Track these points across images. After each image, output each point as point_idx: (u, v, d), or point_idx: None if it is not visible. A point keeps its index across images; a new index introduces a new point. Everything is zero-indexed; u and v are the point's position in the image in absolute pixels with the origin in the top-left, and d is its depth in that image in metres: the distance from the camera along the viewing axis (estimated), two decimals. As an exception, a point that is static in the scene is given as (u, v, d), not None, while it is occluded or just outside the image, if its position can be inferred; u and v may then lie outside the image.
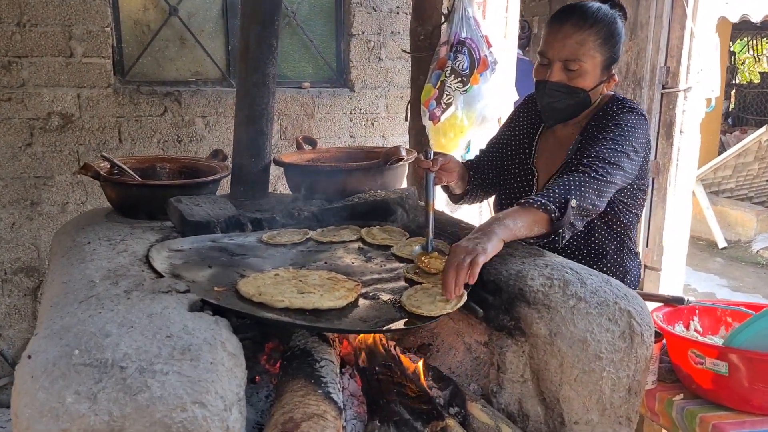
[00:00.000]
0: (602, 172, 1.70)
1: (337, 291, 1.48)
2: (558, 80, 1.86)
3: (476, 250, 1.46)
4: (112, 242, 1.74)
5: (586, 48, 1.81)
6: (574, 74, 1.84)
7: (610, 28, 1.85)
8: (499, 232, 1.54)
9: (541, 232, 1.64)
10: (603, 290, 1.47)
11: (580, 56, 1.82)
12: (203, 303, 1.34)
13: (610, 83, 1.92)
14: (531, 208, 1.61)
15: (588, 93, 1.87)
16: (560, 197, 1.63)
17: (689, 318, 1.81)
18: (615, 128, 1.81)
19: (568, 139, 1.99)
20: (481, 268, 1.44)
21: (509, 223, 1.57)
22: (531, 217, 1.61)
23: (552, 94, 1.89)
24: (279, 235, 1.92)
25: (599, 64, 1.85)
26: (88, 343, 1.12)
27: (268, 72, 2.21)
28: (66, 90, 3.32)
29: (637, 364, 1.44)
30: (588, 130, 1.92)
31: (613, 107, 1.89)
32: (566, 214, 1.62)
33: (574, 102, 1.89)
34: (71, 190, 3.43)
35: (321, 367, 1.45)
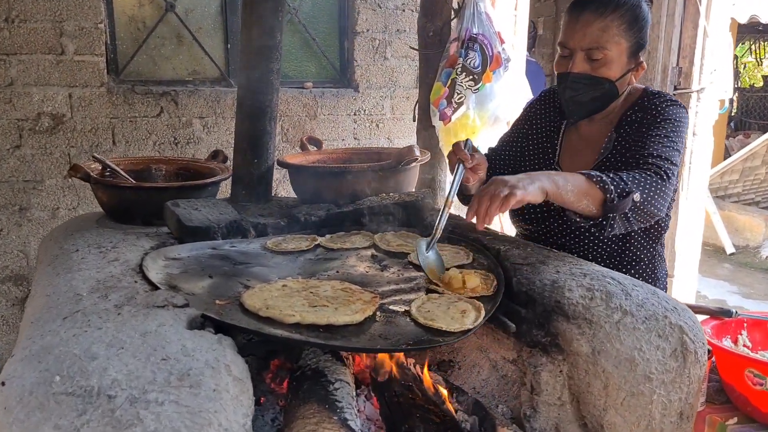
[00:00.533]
0: (669, 173, 1.60)
1: (353, 304, 1.33)
2: (581, 71, 1.73)
3: (516, 186, 1.43)
4: (102, 250, 1.59)
5: (610, 34, 1.68)
6: (598, 63, 1.71)
7: (635, 12, 1.71)
8: (545, 182, 1.49)
9: (590, 209, 1.54)
10: (650, 302, 1.33)
11: (603, 43, 1.68)
12: (204, 319, 1.19)
13: (638, 71, 1.77)
14: (589, 179, 1.52)
15: (614, 83, 1.73)
16: (624, 185, 1.53)
17: (737, 332, 1.66)
18: (666, 124, 1.67)
19: (598, 136, 1.86)
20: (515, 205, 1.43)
21: (559, 180, 1.51)
22: (584, 187, 1.52)
23: (575, 86, 1.76)
24: (285, 242, 1.78)
25: (625, 50, 1.71)
26: (71, 367, 0.98)
27: (271, 66, 2.07)
28: (57, 89, 3.17)
29: (690, 385, 1.29)
30: (626, 125, 1.78)
31: (654, 101, 1.75)
32: (624, 202, 1.52)
33: (600, 94, 1.75)
34: (62, 195, 3.28)
35: (336, 389, 1.31)
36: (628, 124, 1.78)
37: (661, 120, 1.69)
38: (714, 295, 5.62)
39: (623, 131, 1.78)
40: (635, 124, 1.75)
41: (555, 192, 1.50)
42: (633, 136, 1.73)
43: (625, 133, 1.77)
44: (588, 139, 1.89)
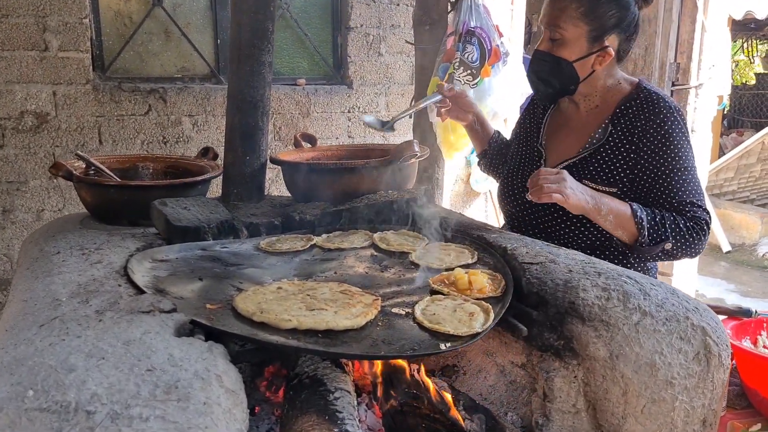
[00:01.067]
0: (708, 227, 1.69)
1: (354, 307, 1.24)
2: (543, 49, 1.82)
3: (567, 189, 1.59)
4: (85, 252, 1.50)
5: (567, 15, 1.75)
6: (557, 43, 1.79)
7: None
8: (590, 202, 1.64)
9: (621, 239, 1.70)
10: (670, 303, 1.25)
11: (560, 23, 1.76)
12: (193, 325, 1.10)
13: (604, 58, 1.78)
14: (633, 216, 1.65)
15: (571, 64, 1.78)
16: (661, 233, 1.65)
17: (757, 332, 1.59)
18: (682, 153, 1.72)
19: (586, 122, 1.89)
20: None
21: (602, 206, 1.65)
22: (624, 221, 1.66)
23: (536, 61, 1.85)
24: (279, 242, 1.70)
25: (584, 34, 1.75)
26: (46, 380, 0.89)
27: (263, 59, 1.99)
28: (40, 87, 3.06)
29: (714, 390, 1.22)
30: (622, 120, 1.80)
31: (656, 108, 1.76)
32: (654, 248, 1.66)
33: (557, 72, 1.81)
34: (47, 196, 3.17)
35: (336, 399, 1.22)
36: (625, 120, 1.79)
37: (675, 148, 1.72)
38: (712, 293, 5.58)
39: (619, 125, 1.79)
40: (633, 121, 1.77)
41: (594, 212, 1.65)
42: (645, 155, 1.75)
43: (621, 128, 1.79)
44: (574, 123, 1.92)
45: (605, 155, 1.79)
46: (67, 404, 0.85)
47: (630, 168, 1.76)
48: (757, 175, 7.18)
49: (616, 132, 1.79)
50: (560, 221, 1.81)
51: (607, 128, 1.80)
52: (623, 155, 1.77)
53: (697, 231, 1.67)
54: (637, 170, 1.75)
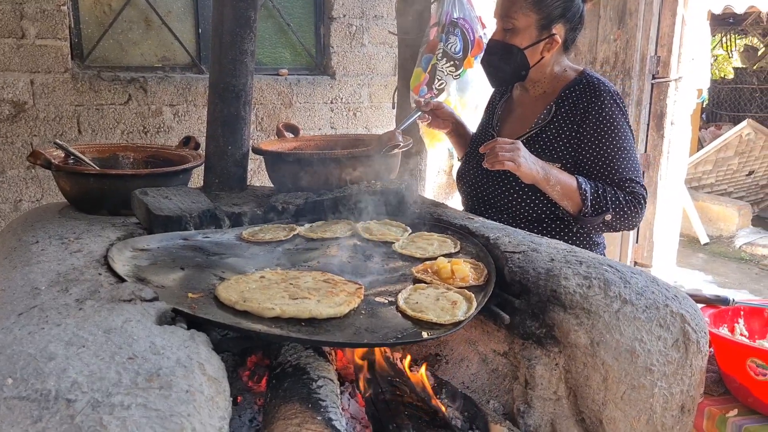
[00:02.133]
0: (645, 200, 1.84)
1: (337, 296, 1.24)
2: (496, 38, 1.94)
3: (520, 158, 1.70)
4: (64, 241, 1.48)
5: (518, 6, 1.87)
6: (510, 32, 1.90)
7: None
8: (540, 172, 1.75)
9: (566, 209, 1.83)
10: (650, 290, 1.26)
11: (511, 14, 1.88)
12: (175, 313, 1.09)
13: (552, 45, 1.91)
14: (578, 188, 1.79)
15: (522, 51, 1.90)
16: (603, 203, 1.79)
17: (734, 320, 1.61)
18: (620, 134, 1.86)
19: (534, 106, 2.00)
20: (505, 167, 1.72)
21: (551, 177, 1.77)
22: (570, 192, 1.79)
23: (490, 50, 1.97)
24: (261, 232, 1.70)
25: (534, 23, 1.88)
26: (26, 368, 0.88)
27: (245, 48, 1.97)
28: (17, 75, 3.02)
29: (692, 377, 1.23)
30: (565, 103, 1.92)
31: (597, 92, 1.89)
32: (596, 218, 1.80)
33: (508, 59, 1.92)
34: (25, 186, 3.13)
35: (319, 387, 1.22)
36: (567, 102, 1.92)
37: (615, 130, 1.86)
38: (690, 284, 5.65)
39: (562, 107, 1.92)
40: (575, 104, 1.90)
41: (544, 182, 1.78)
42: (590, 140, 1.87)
43: (564, 110, 1.92)
44: (524, 107, 2.05)
45: (549, 134, 1.92)
46: (47, 392, 0.84)
47: (573, 146, 1.89)
48: (735, 168, 7.27)
49: (559, 112, 1.92)
50: (511, 193, 1.92)
51: (551, 109, 1.93)
52: (566, 134, 1.90)
53: (634, 204, 1.82)
54: (580, 149, 1.88)
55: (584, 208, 1.79)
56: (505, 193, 1.94)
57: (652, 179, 4.54)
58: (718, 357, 1.49)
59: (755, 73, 10.08)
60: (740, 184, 7.55)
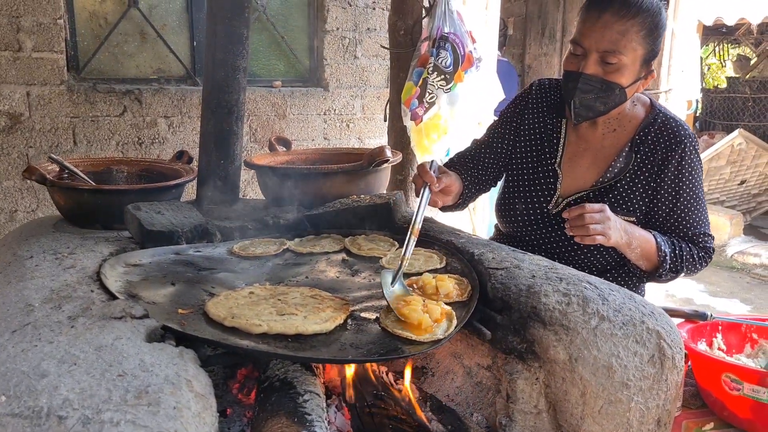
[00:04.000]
0: (712, 254, 1.81)
1: (323, 312, 1.27)
2: (593, 73, 1.65)
3: (609, 231, 1.59)
4: (58, 256, 1.51)
5: (628, 39, 1.61)
6: (612, 68, 1.64)
7: (656, 19, 1.65)
8: (623, 237, 1.65)
9: (641, 267, 1.75)
10: (627, 307, 1.30)
11: (620, 48, 1.61)
12: (165, 330, 1.13)
13: (647, 80, 1.72)
14: (657, 251, 1.70)
15: (624, 89, 1.66)
16: (678, 264, 1.73)
17: (712, 335, 1.65)
18: (698, 184, 1.77)
19: (603, 145, 1.81)
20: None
21: (633, 241, 1.67)
22: (649, 254, 1.71)
23: (585, 88, 1.68)
24: (252, 246, 1.73)
25: (639, 58, 1.65)
26: (19, 386, 0.91)
27: (238, 64, 2.01)
28: (14, 87, 3.05)
29: (668, 391, 1.27)
30: (643, 147, 1.75)
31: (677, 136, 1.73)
32: (670, 277, 1.76)
33: (608, 98, 1.68)
34: (20, 197, 3.16)
35: (305, 401, 1.25)
36: (645, 147, 1.75)
37: (693, 179, 1.75)
38: (682, 293, 5.68)
39: (641, 152, 1.75)
40: (654, 149, 1.74)
41: (625, 249, 1.69)
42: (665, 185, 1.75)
43: (642, 156, 1.75)
44: (591, 144, 1.83)
45: (625, 184, 1.76)
46: (39, 409, 0.86)
47: (649, 197, 1.75)
48: (727, 177, 7.32)
49: (636, 159, 1.74)
50: (576, 248, 1.78)
51: (630, 156, 1.75)
52: (643, 184, 1.75)
53: (706, 260, 1.78)
54: (656, 200, 1.75)
55: (661, 270, 1.71)
56: (569, 247, 1.79)
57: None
58: (695, 371, 1.53)
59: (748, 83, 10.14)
60: (732, 193, 7.59)
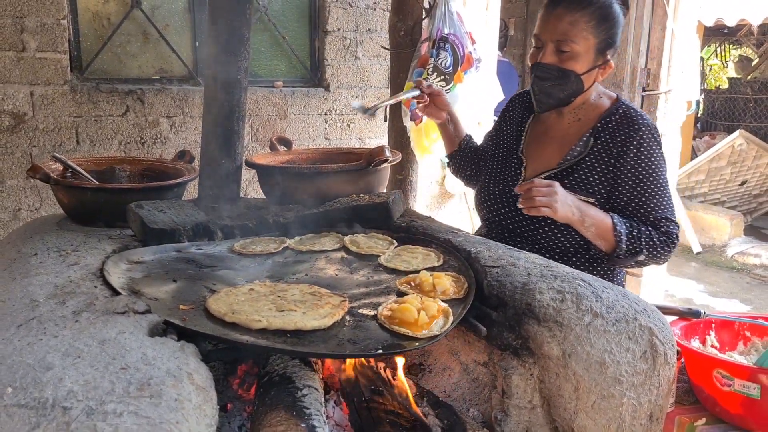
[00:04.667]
0: (677, 239, 1.82)
1: (322, 308, 1.30)
2: (550, 62, 1.82)
3: (556, 203, 1.66)
4: (62, 253, 1.53)
5: (578, 29, 1.77)
6: (566, 56, 1.80)
7: (605, 11, 1.79)
8: (575, 213, 1.72)
9: (599, 247, 1.80)
10: (620, 304, 1.32)
11: (572, 37, 1.78)
12: (166, 325, 1.15)
13: (605, 69, 1.85)
14: (613, 229, 1.75)
15: (580, 77, 1.81)
16: (637, 245, 1.76)
17: (705, 332, 1.67)
18: (659, 172, 1.82)
19: (567, 133, 1.93)
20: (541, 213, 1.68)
21: (587, 218, 1.74)
22: (605, 232, 1.75)
23: (543, 76, 1.85)
24: (253, 244, 1.75)
25: (593, 46, 1.79)
26: (25, 378, 0.93)
27: (239, 65, 2.03)
28: (18, 87, 3.07)
29: (660, 387, 1.29)
30: (604, 134, 1.85)
31: (635, 124, 1.82)
32: (629, 259, 1.78)
33: (565, 84, 1.83)
34: (24, 196, 3.18)
35: (304, 395, 1.27)
36: (605, 134, 1.85)
37: (654, 166, 1.81)
38: (681, 293, 5.70)
39: (600, 139, 1.85)
40: (613, 135, 1.83)
41: (578, 225, 1.75)
42: (624, 171, 1.82)
43: (602, 142, 1.85)
44: (556, 133, 1.96)
45: (585, 167, 1.85)
46: (44, 400, 0.89)
47: (609, 181, 1.83)
48: (728, 178, 7.34)
49: (596, 145, 1.85)
50: (538, 227, 1.87)
51: (588, 141, 1.86)
52: (602, 168, 1.83)
53: (668, 244, 1.79)
54: (617, 185, 1.82)
55: (618, 250, 1.75)
56: (533, 226, 1.89)
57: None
58: (688, 368, 1.55)
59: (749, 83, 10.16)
60: (733, 193, 7.61)
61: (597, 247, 1.79)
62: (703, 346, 1.64)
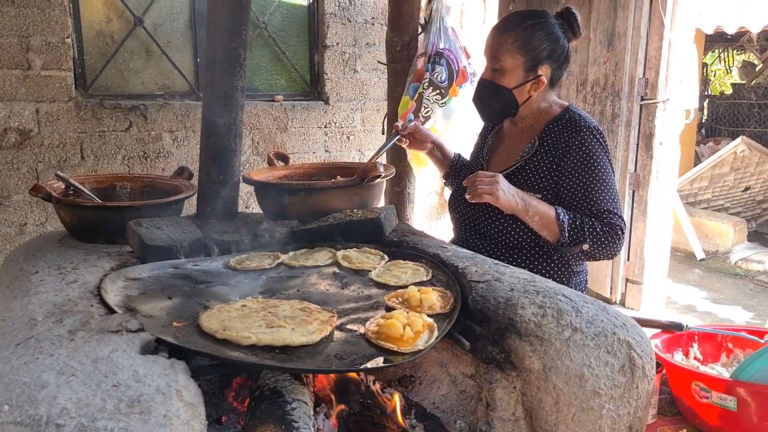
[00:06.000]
0: (623, 232, 1.92)
1: (310, 324, 1.34)
2: (487, 78, 2.05)
3: (498, 191, 1.84)
4: (62, 271, 1.58)
5: (505, 49, 1.98)
6: (498, 73, 2.02)
7: (532, 31, 1.98)
8: (519, 203, 1.88)
9: (546, 238, 1.94)
10: (600, 319, 1.36)
11: (499, 56, 2.00)
12: (158, 343, 1.20)
13: (539, 85, 2.02)
14: (556, 218, 1.88)
15: (511, 91, 2.02)
16: (580, 234, 1.89)
17: (688, 345, 1.70)
18: (599, 169, 1.96)
19: (521, 139, 2.13)
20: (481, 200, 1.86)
21: (530, 207, 1.89)
22: (548, 222, 1.90)
23: (481, 89, 2.10)
24: (248, 260, 1.79)
25: (521, 65, 1.99)
26: (21, 396, 0.98)
27: (235, 85, 2.08)
28: (24, 104, 3.14)
29: (639, 399, 1.33)
30: (547, 137, 2.03)
31: (577, 127, 1.99)
32: (573, 248, 1.91)
33: (498, 98, 2.05)
34: (30, 210, 3.25)
35: (293, 409, 1.31)
36: (549, 136, 2.03)
37: (595, 163, 1.96)
38: (684, 300, 5.70)
39: (545, 141, 2.04)
40: (557, 137, 2.01)
41: (523, 213, 1.90)
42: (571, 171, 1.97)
43: (547, 144, 2.03)
44: (511, 140, 2.18)
45: (533, 166, 2.03)
46: (39, 418, 0.93)
47: (554, 178, 1.99)
48: (731, 184, 7.35)
49: (542, 147, 2.03)
50: (494, 221, 2.04)
51: (534, 143, 2.05)
52: (548, 166, 2.01)
53: (611, 235, 1.91)
54: (561, 181, 1.98)
55: (562, 238, 1.89)
56: (489, 221, 2.06)
57: (642, 198, 4.64)
58: (669, 380, 1.58)
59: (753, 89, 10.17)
60: (737, 199, 7.61)
61: (544, 237, 1.93)
62: (686, 358, 1.67)
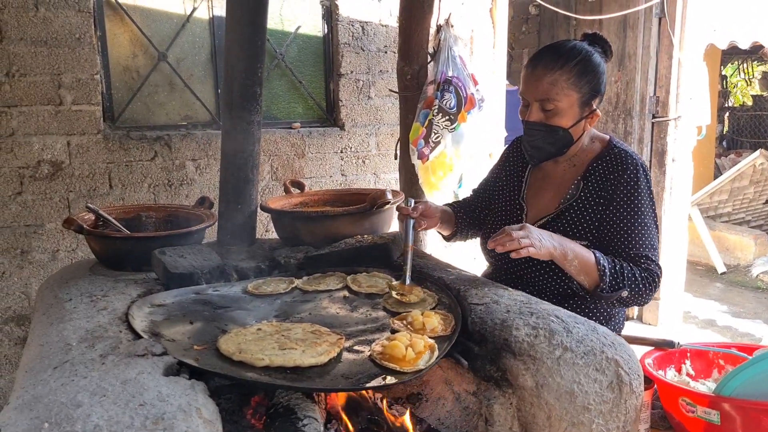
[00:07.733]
0: (659, 279, 1.83)
1: (320, 346, 1.45)
2: (536, 119, 1.90)
3: (533, 241, 1.68)
4: (93, 299, 1.72)
5: (559, 87, 1.84)
6: (551, 113, 1.88)
7: (583, 65, 1.86)
8: (558, 249, 1.74)
9: (583, 284, 1.81)
10: (589, 338, 1.45)
11: (553, 96, 1.85)
12: (180, 365, 1.32)
13: (593, 118, 1.93)
14: (596, 263, 1.77)
15: (567, 130, 1.90)
16: (620, 281, 1.77)
17: (681, 361, 1.77)
18: (645, 210, 1.87)
19: (563, 179, 2.01)
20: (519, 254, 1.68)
21: (569, 253, 1.75)
22: (587, 268, 1.77)
23: (531, 133, 1.94)
24: (265, 284, 1.90)
25: (576, 101, 1.87)
26: (59, 414, 1.10)
27: (252, 119, 2.22)
28: (56, 138, 3.32)
29: (627, 414, 1.41)
30: (592, 177, 1.93)
31: (624, 165, 1.89)
32: (612, 294, 1.78)
33: (554, 139, 1.92)
34: (61, 238, 3.42)
35: (304, 425, 1.42)
36: (594, 176, 1.93)
37: (640, 204, 1.86)
38: (704, 315, 5.69)
39: (590, 182, 1.93)
40: (603, 178, 1.91)
41: (561, 260, 1.76)
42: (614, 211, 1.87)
43: (592, 185, 1.92)
44: (553, 179, 2.04)
45: (577, 210, 1.92)
46: (75, 434, 1.06)
47: (599, 221, 1.89)
48: (751, 197, 7.32)
49: (587, 188, 1.92)
50: (533, 270, 1.94)
51: (579, 185, 1.93)
52: (593, 210, 1.90)
53: (649, 282, 1.80)
54: (605, 223, 1.88)
55: (602, 284, 1.76)
56: (530, 269, 1.95)
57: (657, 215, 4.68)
58: (660, 396, 1.66)
59: (774, 100, 10.12)
60: (758, 212, 7.57)
61: (580, 283, 1.81)
62: (678, 374, 1.75)
